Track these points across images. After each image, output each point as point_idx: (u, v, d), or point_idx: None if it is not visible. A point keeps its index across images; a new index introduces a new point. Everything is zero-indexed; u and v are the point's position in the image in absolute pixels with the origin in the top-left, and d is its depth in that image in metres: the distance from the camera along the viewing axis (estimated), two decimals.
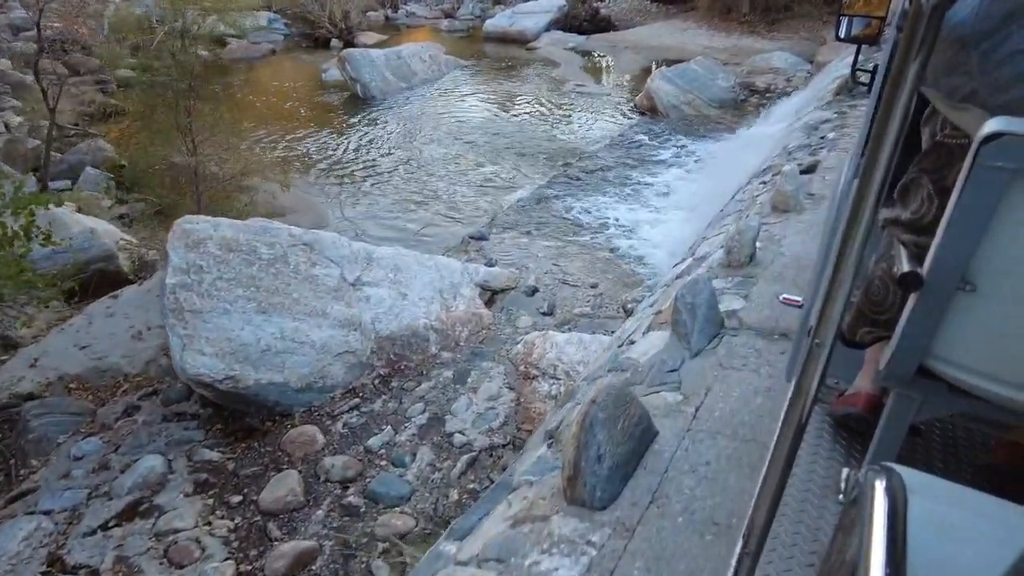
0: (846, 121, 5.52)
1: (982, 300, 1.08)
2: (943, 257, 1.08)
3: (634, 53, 16.96)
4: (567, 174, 9.06)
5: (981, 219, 1.03)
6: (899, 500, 0.68)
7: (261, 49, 18.10)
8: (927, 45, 0.70)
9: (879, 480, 0.71)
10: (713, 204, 6.39)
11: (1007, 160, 0.97)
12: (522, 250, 6.93)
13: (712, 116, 11.33)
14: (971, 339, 1.12)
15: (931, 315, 1.12)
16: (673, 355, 2.36)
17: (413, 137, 10.72)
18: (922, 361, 1.18)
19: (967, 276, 1.07)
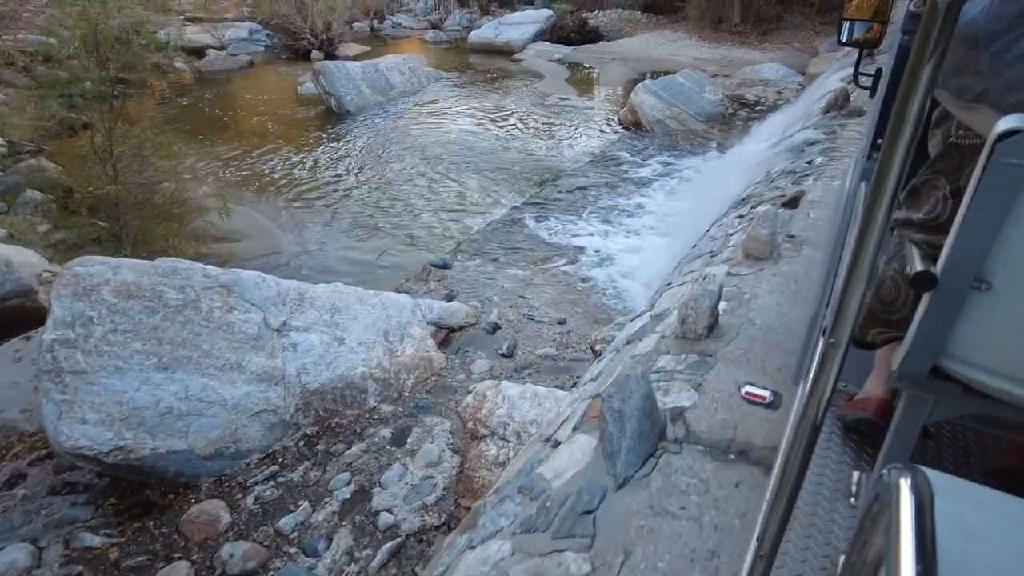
0: (835, 143, 5.00)
1: (998, 298, 1.06)
2: (958, 256, 1.06)
3: (621, 64, 16.48)
4: (543, 194, 8.53)
5: (996, 217, 1.01)
6: (926, 499, 0.67)
7: (239, 61, 17.62)
8: (942, 46, 0.68)
9: (904, 479, 0.69)
10: (693, 229, 5.87)
11: (1022, 157, 0.96)
12: (487, 280, 6.39)
13: (698, 131, 10.82)
14: (986, 338, 1.09)
15: (945, 314, 1.11)
16: (592, 484, 1.83)
17: (383, 154, 10.18)
18: (936, 361, 1.15)
19: (982, 275, 1.05)
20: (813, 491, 1.65)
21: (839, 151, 4.74)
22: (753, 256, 2.93)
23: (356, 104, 12.75)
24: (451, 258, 6.86)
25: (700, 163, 9.24)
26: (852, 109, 5.94)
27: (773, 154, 5.44)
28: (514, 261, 6.82)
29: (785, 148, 5.41)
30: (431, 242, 7.45)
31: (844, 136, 5.17)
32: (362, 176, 9.34)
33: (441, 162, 9.83)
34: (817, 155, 4.72)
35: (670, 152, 9.92)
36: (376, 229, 7.78)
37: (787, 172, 4.57)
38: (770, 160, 5.38)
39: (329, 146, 10.56)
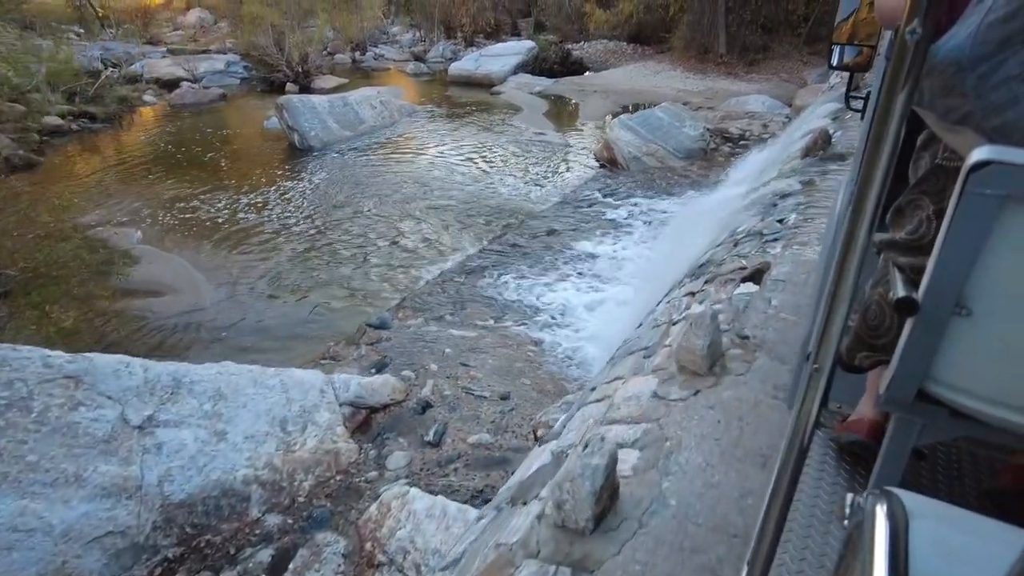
0: (812, 196, 4.30)
1: (978, 324, 1.08)
2: (938, 282, 1.09)
3: (602, 97, 15.97)
4: (504, 240, 7.84)
5: (973, 244, 1.04)
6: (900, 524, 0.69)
7: (211, 94, 17.12)
8: (913, 75, 0.72)
9: (880, 504, 0.72)
10: (659, 285, 5.17)
11: (995, 187, 0.98)
12: (428, 343, 5.65)
13: (677, 168, 10.18)
14: (969, 363, 1.12)
15: (928, 340, 1.13)
16: None
17: (339, 195, 9.52)
18: (922, 385, 1.17)
19: (962, 300, 1.07)
20: (807, 513, 1.62)
21: (816, 206, 4.05)
22: (688, 371, 2.20)
23: (321, 140, 12.15)
24: (391, 316, 6.13)
25: (675, 205, 8.57)
26: (834, 153, 5.27)
27: (744, 205, 4.75)
28: (462, 319, 6.09)
29: (755, 201, 4.71)
30: (375, 295, 6.72)
31: (823, 187, 4.47)
32: (313, 219, 8.65)
33: (401, 203, 9.16)
34: (790, 212, 4.02)
35: (645, 192, 9.26)
36: (317, 280, 7.06)
37: (754, 233, 3.87)
38: (739, 214, 4.69)
39: (283, 185, 9.90)
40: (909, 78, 0.72)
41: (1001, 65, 1.09)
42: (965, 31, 1.13)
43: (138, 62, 20.46)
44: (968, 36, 1.12)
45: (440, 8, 24.67)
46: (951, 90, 1.16)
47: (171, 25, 32.14)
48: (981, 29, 1.10)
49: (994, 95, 1.10)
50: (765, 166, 6.46)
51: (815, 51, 19.50)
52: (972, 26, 1.12)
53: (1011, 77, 1.08)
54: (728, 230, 4.36)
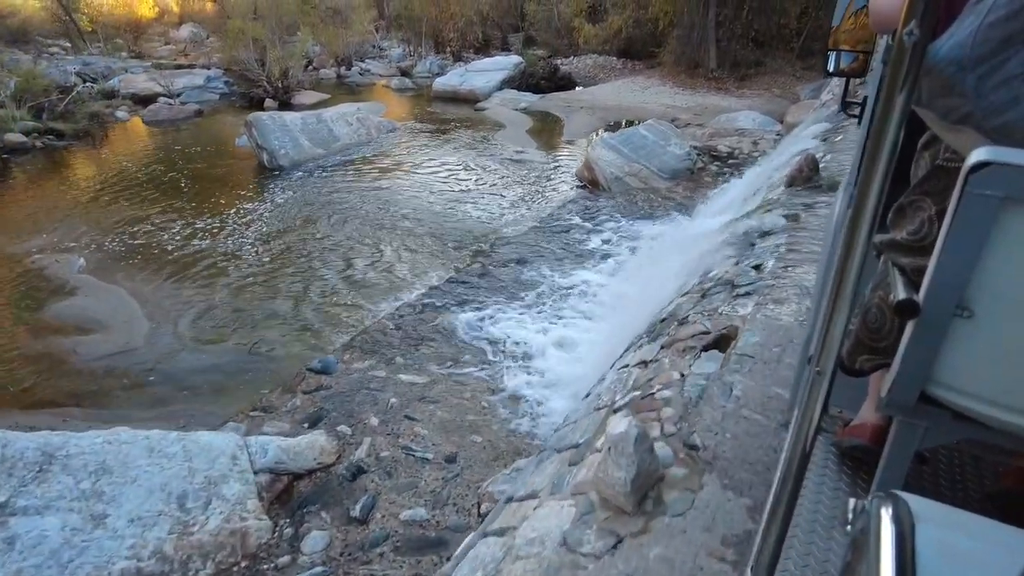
0: (796, 237, 3.72)
1: (980, 326, 1.07)
2: (938, 284, 1.08)
3: (588, 114, 15.50)
4: (471, 269, 7.28)
5: (974, 245, 1.03)
6: (906, 527, 0.68)
7: (186, 110, 16.63)
8: (912, 77, 0.72)
9: (885, 508, 0.71)
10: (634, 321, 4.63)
11: (995, 188, 0.98)
12: (372, 391, 5.09)
13: (661, 190, 9.66)
14: (971, 365, 1.11)
15: (930, 342, 1.12)
16: None
17: (302, 218, 8.97)
18: (924, 388, 1.17)
19: (963, 302, 1.07)
20: (809, 519, 1.61)
21: (799, 249, 3.48)
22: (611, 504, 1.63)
23: (291, 159, 11.62)
24: (336, 359, 5.56)
25: (657, 230, 8.04)
26: (822, 183, 4.70)
27: (719, 243, 4.19)
28: (415, 361, 5.52)
29: (733, 237, 4.15)
30: (325, 332, 6.15)
31: (809, 224, 3.91)
32: (269, 246, 8.10)
33: (366, 227, 8.61)
34: (769, 255, 3.46)
35: (626, 216, 8.73)
36: (265, 314, 6.49)
37: (725, 282, 3.31)
38: (713, 253, 4.13)
39: (244, 208, 9.35)
40: (908, 79, 0.72)
41: (1002, 65, 1.08)
42: (965, 30, 1.12)
43: (116, 77, 20.06)
44: (969, 35, 1.11)
45: (428, 22, 24.29)
46: (951, 90, 1.15)
47: (163, 40, 31.85)
48: (982, 28, 1.09)
49: (995, 95, 1.09)
50: (749, 193, 5.94)
51: (808, 66, 19.12)
52: (972, 25, 1.11)
53: (1012, 77, 1.07)
54: (700, 272, 3.82)
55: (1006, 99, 1.07)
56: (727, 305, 2.89)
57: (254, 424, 4.81)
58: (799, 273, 3.16)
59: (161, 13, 34.79)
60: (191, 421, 4.89)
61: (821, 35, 18.68)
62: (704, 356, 2.43)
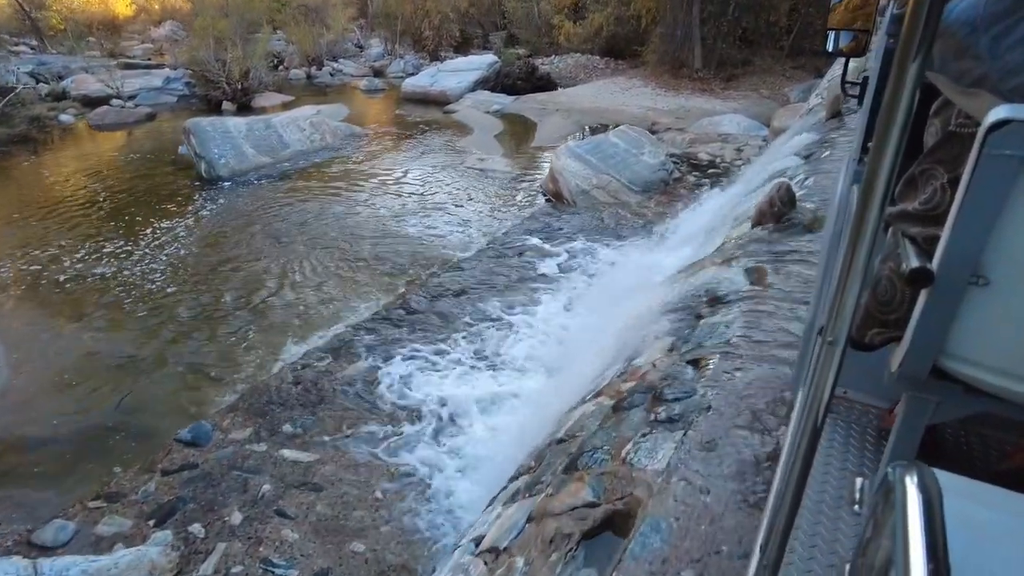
0: (756, 313, 2.68)
1: (996, 294, 1.04)
2: (953, 251, 1.05)
3: (563, 117, 14.52)
4: (404, 303, 6.30)
5: (991, 210, 1.00)
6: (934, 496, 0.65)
7: (137, 114, 15.60)
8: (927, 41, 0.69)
9: (910, 476, 0.68)
10: (583, 371, 3.67)
11: (1015, 148, 0.95)
12: (246, 472, 4.14)
13: (631, 204, 8.69)
14: (987, 335, 1.08)
15: (943, 312, 1.09)
16: None
17: (226, 240, 7.98)
18: (936, 361, 1.14)
19: (979, 269, 1.04)
20: (816, 499, 1.60)
21: (762, 326, 2.47)
22: None
23: (232, 168, 10.61)
24: (213, 425, 4.58)
25: (622, 253, 7.07)
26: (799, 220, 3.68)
27: (661, 305, 3.16)
28: (305, 430, 4.54)
29: (678, 299, 3.14)
30: (211, 386, 5.18)
31: (779, 288, 2.88)
32: (180, 273, 7.10)
33: (295, 249, 7.62)
34: (715, 344, 2.44)
35: (589, 236, 7.75)
36: (150, 360, 5.51)
37: (646, 389, 2.30)
38: (650, 322, 3.13)
39: (164, 227, 8.34)
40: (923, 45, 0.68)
41: (1017, 24, 1.05)
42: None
43: (69, 78, 18.98)
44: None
45: (403, 19, 23.27)
46: (964, 52, 1.12)
47: (140, 38, 30.75)
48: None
49: (1010, 56, 1.06)
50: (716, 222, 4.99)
51: (798, 65, 18.18)
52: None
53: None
54: (628, 352, 2.84)
55: (1022, 60, 1.03)
56: (635, 447, 1.91)
57: (89, 519, 3.84)
58: (753, 380, 2.16)
59: (139, 11, 33.71)
60: (10, 517, 3.91)
61: (812, 33, 17.74)
62: (582, 555, 1.48)
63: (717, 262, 3.40)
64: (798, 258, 3.19)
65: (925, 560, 0.57)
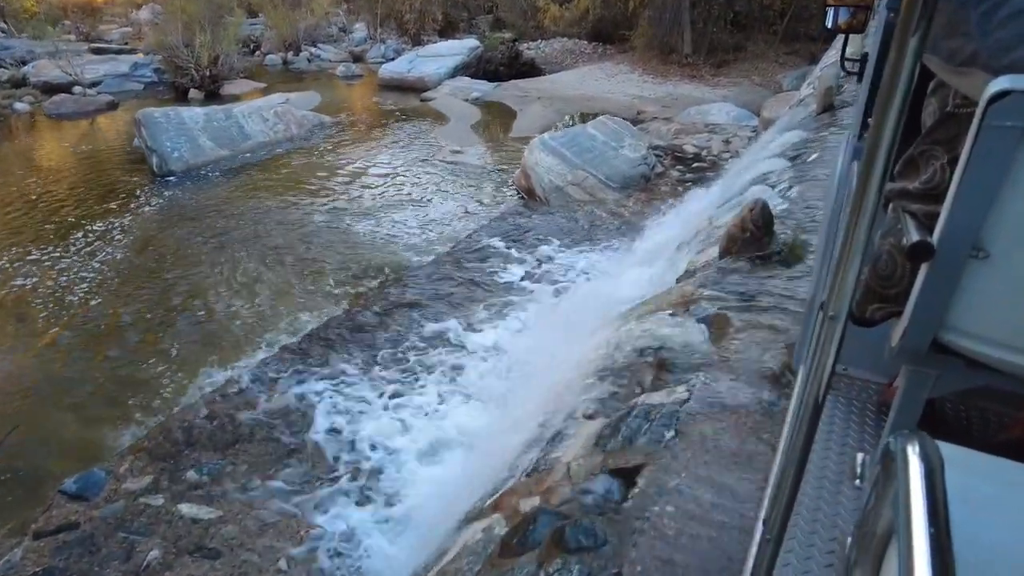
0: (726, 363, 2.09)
1: (996, 266, 1.05)
2: (954, 224, 1.05)
3: (544, 106, 13.82)
4: (348, 319, 5.67)
5: (992, 182, 1.01)
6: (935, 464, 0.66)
7: (97, 102, 14.84)
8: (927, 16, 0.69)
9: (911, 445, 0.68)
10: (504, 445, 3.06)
11: (1016, 119, 0.95)
12: (133, 535, 3.55)
13: (609, 202, 8.06)
14: (987, 308, 1.09)
15: (944, 285, 1.10)
16: None
17: (167, 244, 7.33)
18: (936, 335, 1.14)
19: (979, 243, 1.04)
20: (818, 474, 1.60)
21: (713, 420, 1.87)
22: None
23: (186, 162, 9.93)
24: (107, 473, 3.97)
25: (593, 261, 6.46)
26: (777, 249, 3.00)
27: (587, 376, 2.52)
28: (212, 478, 3.94)
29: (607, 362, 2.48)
30: (113, 421, 4.56)
31: (746, 351, 2.26)
32: (110, 280, 6.48)
33: (241, 255, 6.98)
34: (668, 418, 1.85)
35: (561, 239, 7.14)
36: (52, 388, 4.89)
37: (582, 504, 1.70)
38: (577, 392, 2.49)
39: (100, 230, 7.68)
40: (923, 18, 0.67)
41: (1006, 1, 1.04)
42: None
43: (32, 63, 18.14)
44: None
45: (385, 2, 22.40)
46: (955, 29, 1.12)
47: (120, 22, 29.77)
48: None
49: (1000, 32, 1.05)
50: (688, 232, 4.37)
51: (792, 50, 17.46)
52: None
53: (1018, 12, 1.03)
54: (550, 431, 2.23)
55: (1012, 36, 1.03)
56: None
57: None
58: (689, 523, 1.51)
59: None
60: None
61: (807, 16, 17.01)
62: None
63: (674, 302, 2.77)
64: (771, 303, 2.55)
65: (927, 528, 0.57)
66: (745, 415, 2.07)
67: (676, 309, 2.69)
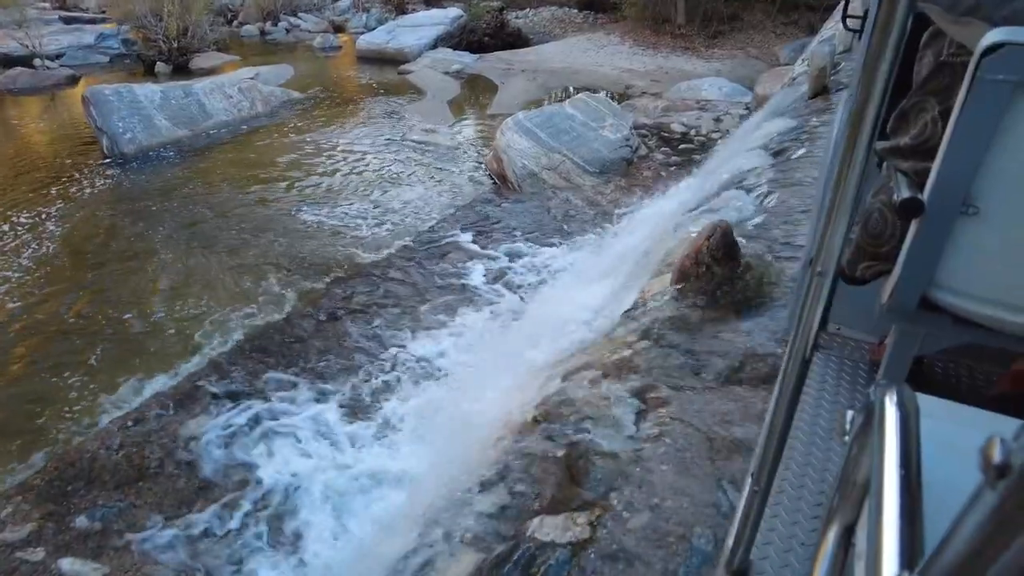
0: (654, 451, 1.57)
1: (986, 222, 1.04)
2: (945, 179, 1.05)
3: (528, 79, 13.11)
4: (286, 326, 5.15)
5: (984, 136, 1.00)
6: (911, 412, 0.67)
7: (57, 76, 14.09)
8: None
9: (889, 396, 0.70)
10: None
11: (1009, 72, 0.94)
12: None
13: (586, 189, 7.48)
14: (976, 265, 1.09)
15: (933, 242, 1.09)
16: None
17: (99, 237, 6.77)
18: (925, 292, 1.15)
19: (969, 198, 1.04)
20: (808, 431, 1.62)
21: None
22: None
23: (139, 144, 9.30)
24: None
25: (561, 257, 5.92)
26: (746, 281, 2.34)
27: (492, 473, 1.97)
28: (108, 523, 3.45)
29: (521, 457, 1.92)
30: (18, 449, 4.06)
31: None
32: (34, 279, 5.93)
33: (182, 249, 6.42)
34: None
35: (530, 232, 6.58)
36: None
37: None
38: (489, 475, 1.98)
39: (30, 221, 7.10)
40: None
41: None
42: None
43: None
44: None
45: None
46: None
47: None
48: None
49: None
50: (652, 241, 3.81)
51: (791, 21, 16.66)
52: None
53: None
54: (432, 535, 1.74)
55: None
56: None
57: None
58: None
59: None
60: None
61: None
62: None
63: (605, 361, 2.21)
64: (724, 366, 1.97)
65: (898, 470, 0.58)
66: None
67: (606, 373, 2.15)
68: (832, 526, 0.80)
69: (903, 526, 0.56)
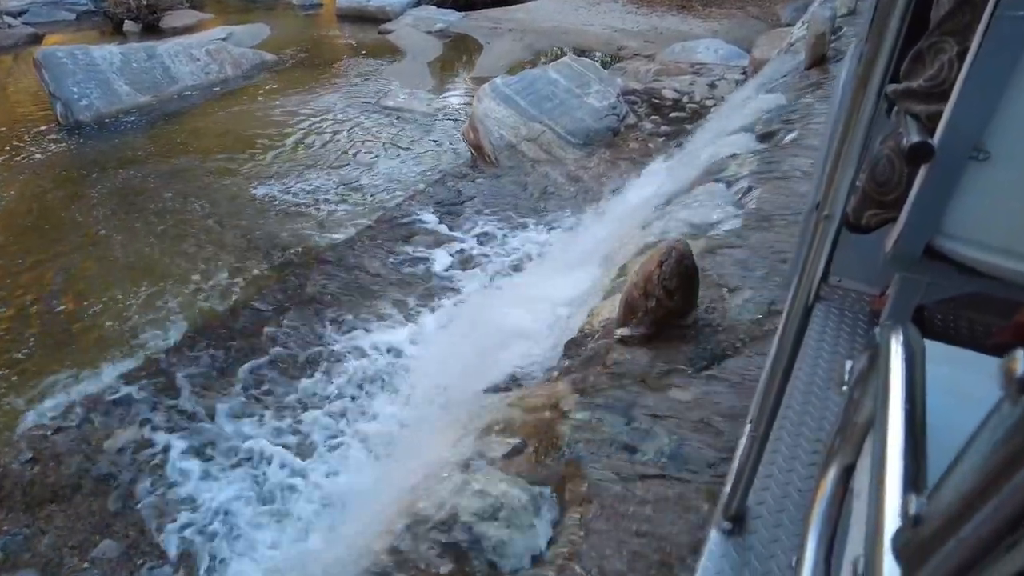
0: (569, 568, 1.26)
1: (997, 168, 1.01)
2: (957, 122, 1.01)
3: (515, 39, 12.42)
4: (231, 319, 4.75)
5: (999, 78, 0.95)
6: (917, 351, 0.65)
7: (16, 35, 13.36)
8: None
9: (895, 335, 0.68)
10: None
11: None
12: None
13: (567, 162, 6.98)
14: (984, 212, 1.05)
15: (942, 187, 1.06)
16: None
17: (44, 217, 6.31)
18: (930, 240, 1.12)
19: (980, 143, 1.01)
20: (807, 380, 1.61)
21: None
22: None
23: (96, 111, 8.76)
24: None
25: (534, 241, 5.49)
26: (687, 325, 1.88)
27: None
28: (8, 554, 3.10)
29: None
30: None
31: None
32: None
33: (130, 229, 5.99)
34: None
35: (502, 212, 6.12)
36: None
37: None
38: None
39: None
40: None
41: None
42: None
43: None
44: None
45: None
46: None
47: None
48: None
49: None
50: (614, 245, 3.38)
51: None
52: None
53: None
54: None
55: None
56: None
57: None
58: None
59: None
60: None
61: None
62: None
63: (527, 422, 1.81)
64: (666, 443, 1.54)
65: (903, 406, 0.57)
66: None
67: (525, 440, 1.74)
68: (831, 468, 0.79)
69: (908, 455, 0.55)
